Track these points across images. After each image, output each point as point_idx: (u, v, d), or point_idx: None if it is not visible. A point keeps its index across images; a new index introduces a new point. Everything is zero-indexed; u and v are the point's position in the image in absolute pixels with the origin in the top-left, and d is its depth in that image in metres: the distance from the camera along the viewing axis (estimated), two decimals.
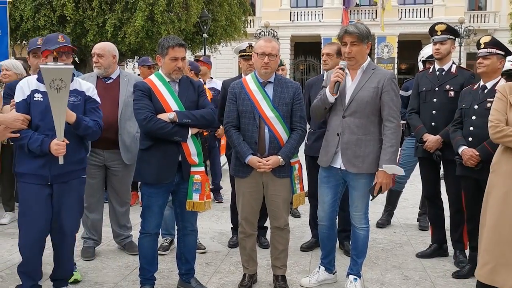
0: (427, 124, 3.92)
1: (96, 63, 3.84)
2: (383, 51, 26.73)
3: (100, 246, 4.17)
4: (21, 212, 2.96)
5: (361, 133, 3.16)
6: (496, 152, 2.95)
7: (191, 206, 3.16)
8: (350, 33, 3.12)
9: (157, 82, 3.15)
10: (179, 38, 3.18)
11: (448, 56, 3.94)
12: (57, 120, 2.77)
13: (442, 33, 3.91)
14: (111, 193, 4.07)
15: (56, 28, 13.58)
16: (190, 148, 3.13)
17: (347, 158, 3.18)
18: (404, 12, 26.95)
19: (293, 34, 27.86)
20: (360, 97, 3.14)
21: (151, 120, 3.02)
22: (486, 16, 27.11)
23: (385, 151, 3.12)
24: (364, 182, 3.21)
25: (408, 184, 5.33)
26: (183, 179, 3.15)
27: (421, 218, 4.99)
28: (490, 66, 3.46)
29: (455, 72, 3.91)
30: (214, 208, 5.71)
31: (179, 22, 14.32)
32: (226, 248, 4.31)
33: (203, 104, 3.22)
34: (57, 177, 2.93)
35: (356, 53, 3.14)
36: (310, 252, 4.18)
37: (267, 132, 3.20)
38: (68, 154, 2.89)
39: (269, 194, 3.28)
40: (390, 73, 3.24)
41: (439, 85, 3.89)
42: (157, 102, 3.09)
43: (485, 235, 2.89)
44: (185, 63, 3.19)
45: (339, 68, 3.15)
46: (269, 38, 3.35)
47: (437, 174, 4.09)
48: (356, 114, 3.16)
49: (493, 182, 2.91)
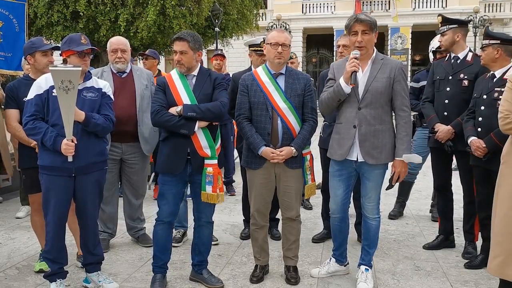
0: (440, 113, 3.86)
1: (120, 59, 3.92)
2: (397, 42, 26.46)
3: (114, 239, 4.23)
4: (45, 201, 3.07)
5: (377, 123, 3.15)
6: (507, 143, 2.86)
7: (205, 198, 3.22)
8: (362, 20, 3.07)
9: (174, 76, 3.26)
10: (183, 32, 3.21)
11: (459, 44, 3.82)
12: (66, 120, 2.87)
13: (441, 25, 3.86)
14: (127, 186, 4.13)
15: (69, 24, 13.73)
16: (201, 140, 3.18)
17: (365, 150, 3.16)
18: (418, 2, 26.61)
19: (305, 27, 27.71)
20: (374, 87, 3.13)
21: (158, 113, 3.13)
22: (502, 5, 26.60)
23: (401, 140, 3.12)
24: (379, 173, 3.21)
25: (421, 175, 5.31)
26: (196, 171, 3.21)
27: (434, 210, 4.97)
28: (487, 57, 3.45)
29: (471, 60, 3.80)
30: (227, 201, 5.75)
31: (190, 16, 14.35)
32: (238, 240, 4.35)
33: (216, 96, 3.24)
34: (81, 168, 3.05)
35: (367, 42, 3.11)
36: (321, 244, 4.20)
37: (280, 123, 3.21)
38: (89, 147, 3.06)
39: (282, 185, 3.30)
40: (399, 62, 3.25)
41: (453, 73, 3.81)
42: (170, 95, 3.19)
43: (495, 228, 2.83)
44: (186, 57, 3.15)
45: (353, 57, 3.08)
46: (281, 29, 3.35)
47: (449, 165, 4.04)
48: (371, 105, 3.14)
49: (504, 173, 2.83)
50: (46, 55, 3.43)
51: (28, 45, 3.48)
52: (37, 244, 3.90)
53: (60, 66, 2.94)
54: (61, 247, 3.15)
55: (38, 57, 3.42)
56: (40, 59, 3.42)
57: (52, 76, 2.85)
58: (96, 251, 3.28)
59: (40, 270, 3.51)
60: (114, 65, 3.96)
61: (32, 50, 3.43)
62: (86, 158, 3.05)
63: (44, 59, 3.42)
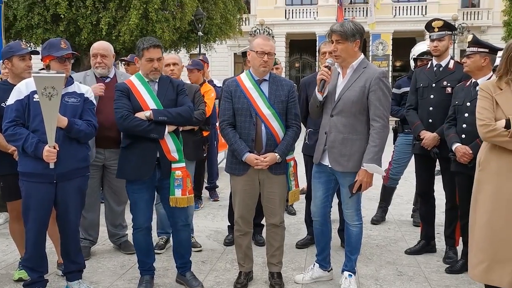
0: (424, 120, 3.90)
1: (100, 64, 3.88)
2: (378, 48, 26.77)
3: (95, 246, 4.17)
4: (25, 208, 3.02)
5: (347, 132, 3.17)
6: (483, 150, 2.89)
7: (174, 202, 3.23)
8: (334, 31, 3.15)
9: (136, 82, 3.27)
10: (155, 39, 3.28)
11: (446, 52, 3.90)
12: (49, 127, 2.83)
13: (439, 30, 3.86)
14: (109, 193, 4.08)
15: (50, 27, 13.54)
16: (169, 144, 3.22)
17: (333, 156, 3.21)
18: (398, 9, 26.98)
19: (288, 32, 27.85)
20: (346, 96, 3.16)
21: (127, 118, 3.12)
22: (479, 13, 27.14)
23: (368, 150, 3.12)
24: (350, 180, 3.20)
25: (403, 180, 5.36)
26: (164, 175, 3.23)
27: (415, 214, 5.02)
28: (473, 65, 3.47)
29: (453, 67, 3.87)
30: (210, 207, 5.73)
31: (173, 21, 14.29)
32: (221, 246, 4.33)
33: (182, 102, 3.30)
34: (62, 175, 3.01)
35: (341, 51, 3.15)
36: (305, 249, 4.20)
37: (264, 129, 3.22)
38: (72, 153, 3.02)
39: (266, 191, 3.30)
40: (379, 72, 3.18)
41: (436, 81, 3.86)
42: (135, 101, 3.20)
43: (477, 233, 2.84)
44: (161, 63, 3.29)
45: (324, 66, 3.19)
46: (266, 36, 3.37)
47: (432, 172, 4.10)
48: (343, 113, 3.17)
49: (482, 179, 2.85)
50: (24, 59, 3.36)
51: (6, 49, 3.42)
52: (16, 252, 3.82)
53: (43, 72, 2.90)
54: (41, 255, 3.10)
55: (16, 61, 3.34)
56: (17, 63, 3.35)
57: (35, 82, 2.81)
58: (77, 259, 3.24)
59: (20, 278, 3.44)
60: (95, 70, 3.92)
61: (9, 54, 3.35)
62: (68, 165, 3.01)
63: (21, 64, 3.35)
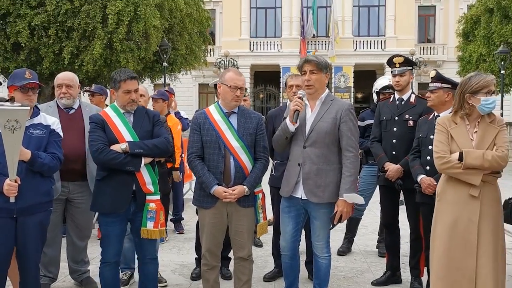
0: (388, 152, 4.01)
1: (65, 94, 3.78)
2: (340, 80, 27.49)
3: (55, 283, 3.99)
4: None
5: (321, 163, 3.22)
6: (441, 182, 3.02)
7: (145, 234, 3.19)
8: (309, 61, 3.23)
9: (111, 113, 3.23)
10: (131, 71, 3.28)
11: (407, 86, 4.07)
12: (10, 160, 2.75)
13: (400, 65, 4.05)
14: (71, 227, 3.94)
15: (10, 55, 13.26)
16: (145, 177, 3.19)
17: (308, 188, 3.22)
18: (359, 43, 27.96)
19: (253, 63, 28.28)
20: (319, 127, 3.21)
21: (103, 151, 3.09)
22: (435, 48, 28.46)
23: (344, 180, 3.17)
24: (325, 212, 3.24)
25: (367, 211, 5.44)
26: (139, 208, 3.19)
27: (380, 245, 5.09)
28: (437, 99, 3.63)
29: (414, 102, 4.04)
30: (175, 240, 5.61)
31: (138, 51, 14.28)
32: (188, 281, 4.23)
33: (158, 133, 3.29)
34: (23, 209, 2.90)
35: (315, 81, 3.22)
36: (273, 282, 4.16)
37: (233, 162, 3.21)
38: (34, 187, 2.92)
39: (234, 224, 3.27)
40: (347, 104, 3.32)
41: (399, 114, 4.01)
42: (110, 133, 3.17)
43: (435, 262, 2.93)
44: (138, 95, 3.29)
45: (297, 97, 3.23)
46: (238, 71, 3.40)
47: (397, 203, 4.18)
48: (316, 144, 3.22)
49: (440, 210, 2.97)
50: None
51: None
52: None
53: (7, 105, 2.82)
54: None
55: None
56: None
57: None
58: None
59: None
60: (60, 100, 3.84)
61: None
62: (30, 199, 2.90)
63: None
